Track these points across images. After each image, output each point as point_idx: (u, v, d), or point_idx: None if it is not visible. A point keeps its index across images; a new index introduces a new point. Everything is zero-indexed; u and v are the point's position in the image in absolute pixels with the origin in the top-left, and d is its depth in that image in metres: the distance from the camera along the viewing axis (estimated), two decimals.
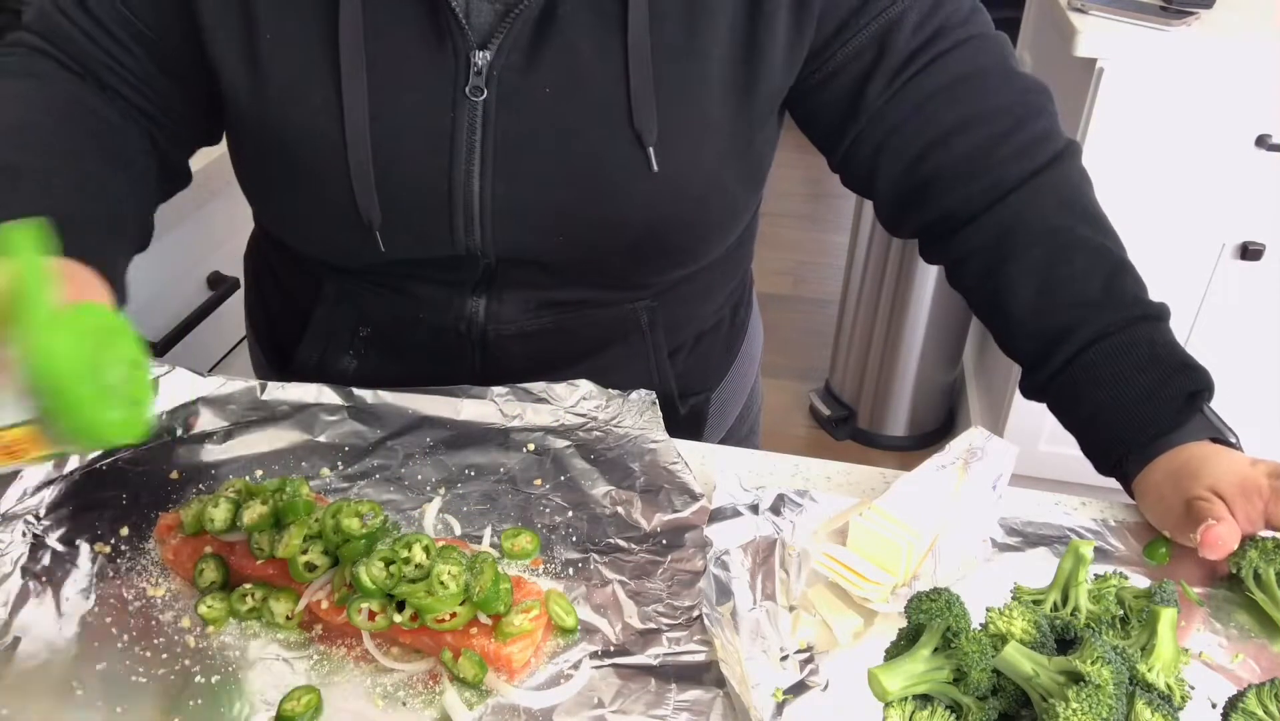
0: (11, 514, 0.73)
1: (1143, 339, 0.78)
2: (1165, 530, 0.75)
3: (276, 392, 0.86)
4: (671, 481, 0.78)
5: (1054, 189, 0.82)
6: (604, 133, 0.77)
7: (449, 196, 0.79)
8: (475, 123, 0.77)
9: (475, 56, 0.75)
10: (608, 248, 0.82)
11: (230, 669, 0.64)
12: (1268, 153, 1.79)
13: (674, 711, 0.61)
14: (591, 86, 0.76)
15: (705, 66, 0.77)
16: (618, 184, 0.79)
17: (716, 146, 0.80)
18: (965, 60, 0.81)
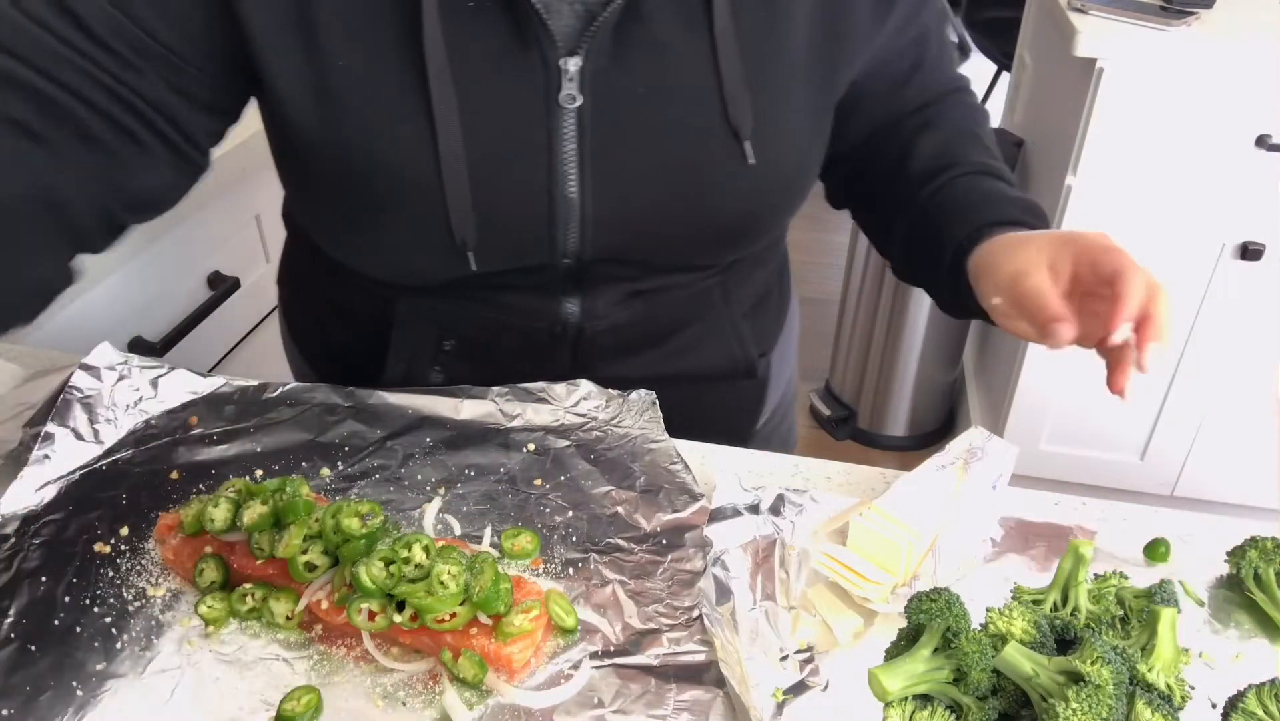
0: (11, 514, 0.73)
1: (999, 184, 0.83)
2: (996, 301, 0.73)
3: (277, 393, 0.86)
4: (671, 481, 0.78)
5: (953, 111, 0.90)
6: (699, 128, 0.77)
7: (549, 208, 0.77)
8: (570, 131, 0.75)
9: (566, 64, 0.74)
10: (699, 240, 0.83)
11: (230, 669, 0.64)
12: (1268, 153, 1.78)
13: (674, 711, 0.61)
14: (683, 83, 0.76)
15: (789, 54, 0.78)
16: (715, 178, 0.79)
17: (804, 130, 0.82)
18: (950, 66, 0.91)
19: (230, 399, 0.85)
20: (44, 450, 0.77)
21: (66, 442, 0.78)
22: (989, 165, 0.85)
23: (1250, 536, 0.71)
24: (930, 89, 0.90)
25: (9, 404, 0.84)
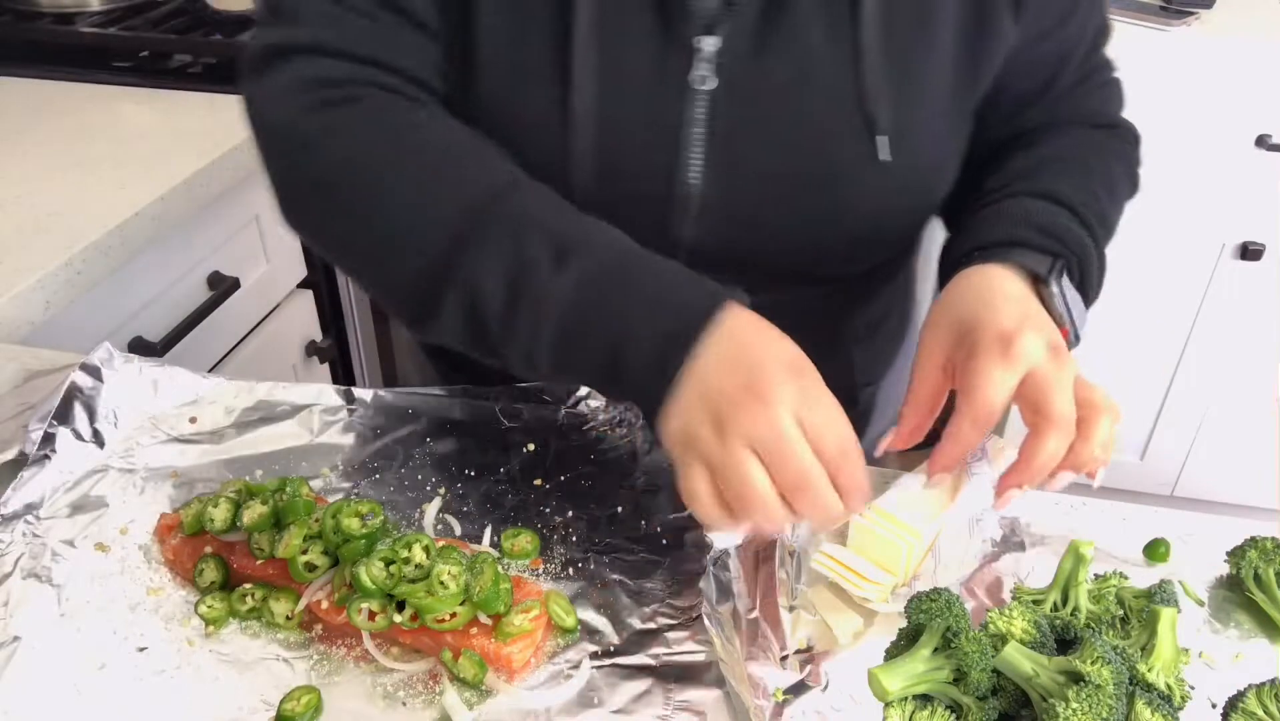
0: (11, 514, 0.73)
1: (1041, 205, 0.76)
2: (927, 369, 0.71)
3: (277, 393, 0.86)
4: (671, 481, 0.78)
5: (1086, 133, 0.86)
6: (833, 121, 0.75)
7: (668, 191, 0.76)
8: (700, 115, 0.74)
9: (702, 44, 0.73)
10: (823, 242, 0.79)
11: (230, 669, 0.64)
12: (1268, 153, 1.79)
13: (674, 711, 0.61)
14: (821, 73, 0.74)
15: (934, 53, 0.75)
16: (845, 176, 0.76)
17: (943, 132, 0.79)
18: (1103, 100, 0.88)
19: (230, 400, 0.85)
20: (44, 450, 0.77)
21: (66, 442, 0.78)
22: (1054, 190, 0.77)
23: (1250, 536, 0.71)
24: (1059, 115, 0.85)
25: (9, 404, 0.84)
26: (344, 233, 0.71)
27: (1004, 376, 0.64)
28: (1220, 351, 1.99)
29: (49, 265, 1.07)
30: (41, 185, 1.22)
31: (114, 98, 1.47)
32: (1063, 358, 0.65)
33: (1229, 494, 2.15)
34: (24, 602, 0.67)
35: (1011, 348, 0.64)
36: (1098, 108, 0.88)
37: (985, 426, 0.64)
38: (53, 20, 1.62)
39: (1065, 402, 0.63)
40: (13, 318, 1.03)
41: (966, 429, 0.65)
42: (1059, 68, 0.83)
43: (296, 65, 0.71)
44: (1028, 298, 0.70)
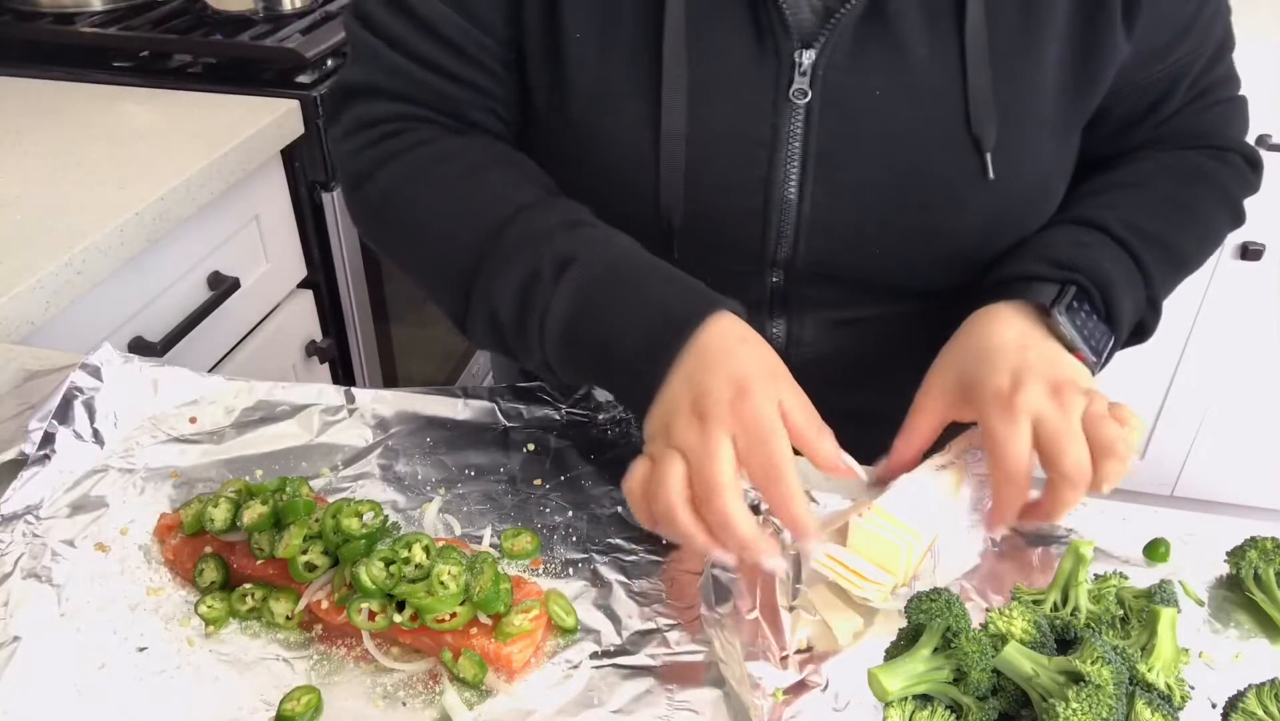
0: (11, 514, 0.73)
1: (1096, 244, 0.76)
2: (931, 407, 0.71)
3: (277, 393, 0.86)
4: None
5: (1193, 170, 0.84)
6: (937, 137, 0.73)
7: (764, 205, 0.75)
8: (797, 128, 0.73)
9: (800, 57, 0.72)
10: (921, 258, 0.78)
11: (230, 669, 0.64)
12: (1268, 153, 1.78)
13: (674, 711, 0.61)
14: (924, 88, 0.72)
15: (1042, 67, 0.74)
16: (947, 192, 0.75)
17: (1049, 146, 0.77)
18: (1214, 122, 0.86)
19: (230, 398, 0.85)
20: (44, 450, 0.77)
21: (66, 442, 0.78)
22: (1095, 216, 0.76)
23: (1250, 536, 0.71)
24: (1164, 139, 0.83)
25: (9, 404, 0.84)
26: (395, 254, 0.81)
27: (1016, 434, 0.64)
28: (1220, 351, 1.99)
29: (49, 265, 1.07)
30: (41, 185, 1.22)
31: (114, 98, 1.47)
32: (1065, 397, 0.64)
33: (1229, 494, 2.15)
34: (24, 602, 0.67)
35: (1013, 405, 0.65)
36: (1207, 129, 0.85)
37: (1021, 484, 0.64)
38: (53, 20, 1.62)
39: (1076, 453, 0.63)
40: (13, 318, 1.03)
41: (1010, 493, 0.65)
42: (1170, 88, 0.81)
43: (359, 106, 0.79)
44: (1024, 343, 0.69)
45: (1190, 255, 0.82)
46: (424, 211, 0.76)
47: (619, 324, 0.66)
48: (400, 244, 0.79)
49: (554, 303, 0.68)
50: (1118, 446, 0.63)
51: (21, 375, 0.88)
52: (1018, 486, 0.64)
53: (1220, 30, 0.81)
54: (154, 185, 1.22)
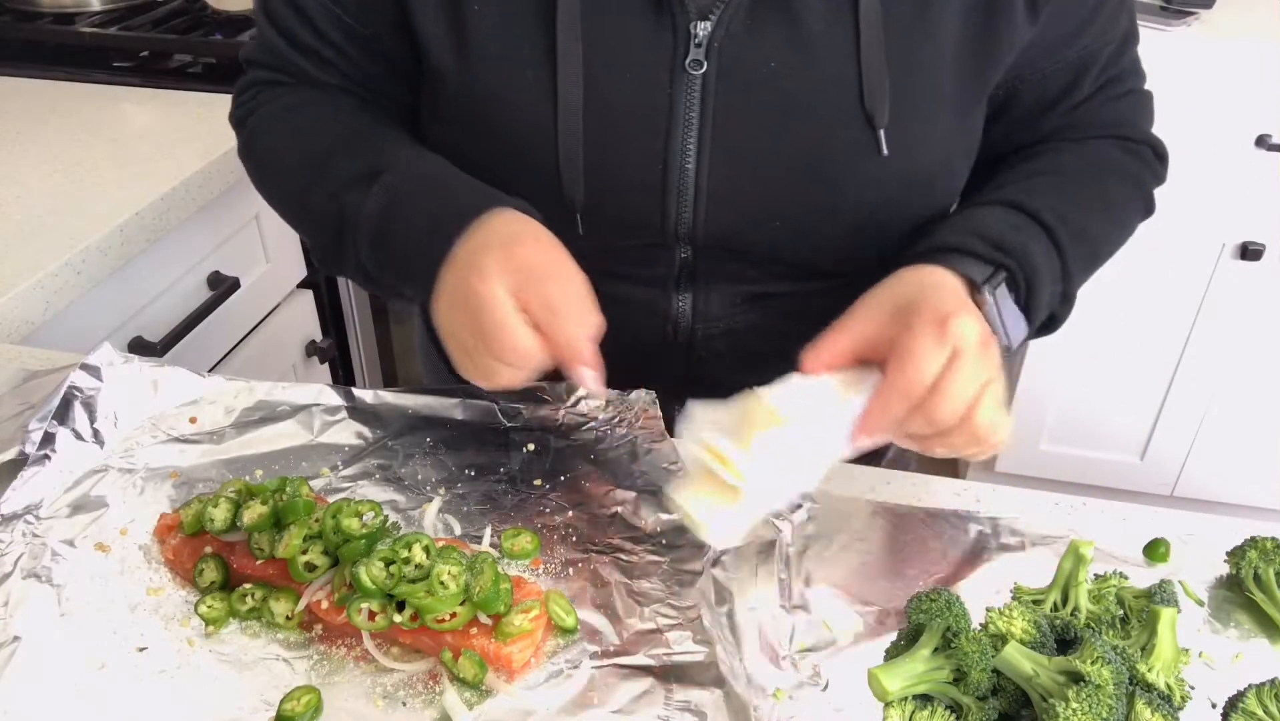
0: (11, 514, 0.73)
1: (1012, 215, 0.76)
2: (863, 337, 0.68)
3: (277, 393, 0.86)
4: (671, 481, 0.78)
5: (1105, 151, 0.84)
6: (831, 112, 0.73)
7: (663, 178, 0.75)
8: (693, 99, 0.73)
9: (695, 28, 0.72)
10: (824, 234, 0.78)
11: (230, 669, 0.64)
12: (1268, 153, 1.78)
13: (674, 711, 0.61)
14: (819, 62, 0.73)
15: (938, 43, 0.74)
16: (843, 167, 0.75)
17: (946, 123, 0.77)
18: (1123, 112, 0.85)
19: (230, 398, 0.85)
20: (44, 450, 0.77)
21: (66, 442, 0.78)
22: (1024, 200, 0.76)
23: (1250, 536, 0.71)
24: (1075, 124, 0.84)
25: (9, 404, 0.84)
26: (265, 196, 0.88)
27: (936, 351, 0.62)
28: (1220, 351, 1.99)
29: (49, 265, 1.07)
30: (41, 185, 1.22)
31: (114, 98, 1.47)
32: (989, 353, 0.64)
33: (1229, 494, 2.15)
34: (24, 602, 0.67)
35: (947, 325, 0.63)
36: (1117, 119, 0.85)
37: (913, 399, 0.62)
38: (53, 20, 1.62)
39: (955, 403, 0.62)
40: (13, 318, 1.03)
41: (895, 401, 0.63)
42: (1079, 74, 0.81)
43: (244, 76, 0.89)
44: (964, 298, 0.69)
45: (1106, 248, 0.83)
46: (272, 150, 0.85)
47: (411, 225, 0.72)
48: (262, 184, 0.87)
49: (364, 212, 0.74)
50: (982, 429, 0.63)
51: (21, 375, 0.88)
52: (908, 397, 0.62)
53: (1125, 21, 0.82)
54: (154, 185, 1.22)
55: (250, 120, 0.87)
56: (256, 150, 0.87)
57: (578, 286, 0.67)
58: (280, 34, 0.84)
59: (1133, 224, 0.86)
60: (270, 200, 0.87)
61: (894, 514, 0.76)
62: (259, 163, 0.87)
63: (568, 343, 0.65)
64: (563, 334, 0.65)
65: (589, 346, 0.65)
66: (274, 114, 0.85)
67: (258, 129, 0.86)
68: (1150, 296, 1.97)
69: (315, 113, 0.84)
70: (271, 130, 0.85)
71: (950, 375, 0.62)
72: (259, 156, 0.87)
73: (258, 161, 0.87)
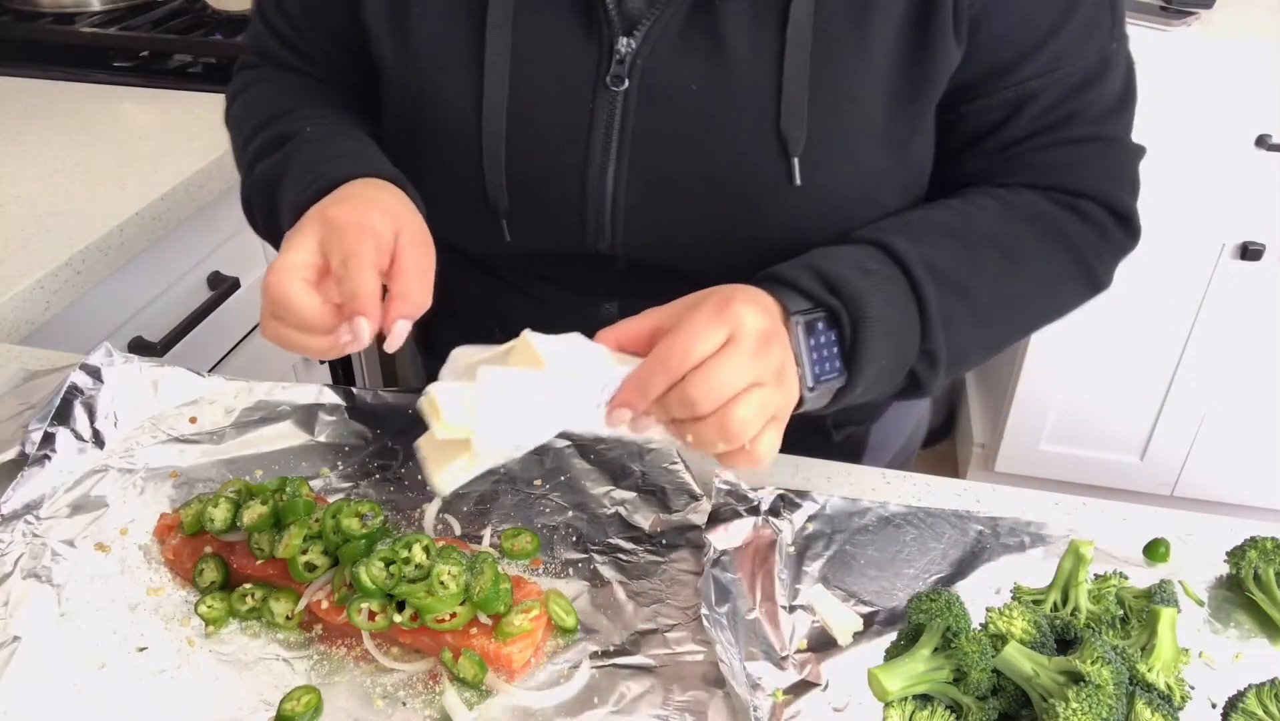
0: (11, 514, 0.73)
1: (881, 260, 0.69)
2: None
3: (277, 393, 0.86)
4: (671, 481, 0.78)
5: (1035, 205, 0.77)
6: (747, 137, 0.72)
7: (582, 189, 0.75)
8: (614, 115, 0.73)
9: (619, 44, 0.72)
10: (742, 260, 0.73)
11: (230, 669, 0.64)
12: (1268, 153, 1.78)
13: (674, 711, 0.61)
14: (739, 85, 0.71)
15: (868, 72, 0.71)
16: (756, 195, 0.73)
17: (872, 156, 0.74)
18: (1070, 159, 0.76)
19: (230, 400, 0.85)
20: (44, 450, 0.77)
21: (66, 442, 0.78)
22: (891, 241, 0.69)
23: (1250, 536, 0.71)
24: (1008, 170, 0.77)
25: (9, 404, 0.84)
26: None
27: (710, 329, 0.59)
28: (1220, 351, 1.99)
29: (49, 265, 1.07)
30: (41, 185, 1.22)
31: (114, 98, 1.47)
32: (769, 354, 0.60)
33: (1229, 494, 2.15)
34: (24, 602, 0.67)
35: (729, 306, 0.60)
36: (1058, 167, 0.77)
37: (672, 373, 0.58)
38: (53, 20, 1.62)
39: (715, 393, 0.58)
40: (13, 318, 1.03)
41: (656, 372, 0.59)
42: (1014, 111, 0.74)
43: (240, 60, 0.94)
44: (774, 319, 0.64)
45: (1004, 312, 0.75)
46: (234, 119, 0.89)
47: (288, 190, 0.74)
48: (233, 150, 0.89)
49: (265, 174, 0.78)
50: (734, 426, 0.59)
51: (21, 375, 0.88)
52: (666, 371, 0.59)
53: (1092, 60, 0.75)
54: (154, 185, 1.22)
55: (230, 95, 0.93)
56: (229, 123, 0.91)
57: (405, 264, 0.64)
58: (265, 24, 0.89)
59: (1062, 291, 0.78)
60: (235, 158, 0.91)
61: (894, 514, 0.76)
62: (230, 126, 0.91)
63: (350, 293, 0.62)
64: (347, 285, 0.62)
65: (373, 300, 0.61)
66: (241, 89, 0.90)
67: (229, 103, 0.92)
68: (1150, 296, 1.97)
69: (272, 89, 0.88)
70: (237, 105, 0.90)
71: (718, 358, 0.58)
72: (229, 127, 0.91)
73: (230, 125, 0.91)
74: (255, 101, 0.88)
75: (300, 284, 0.63)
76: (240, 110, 0.89)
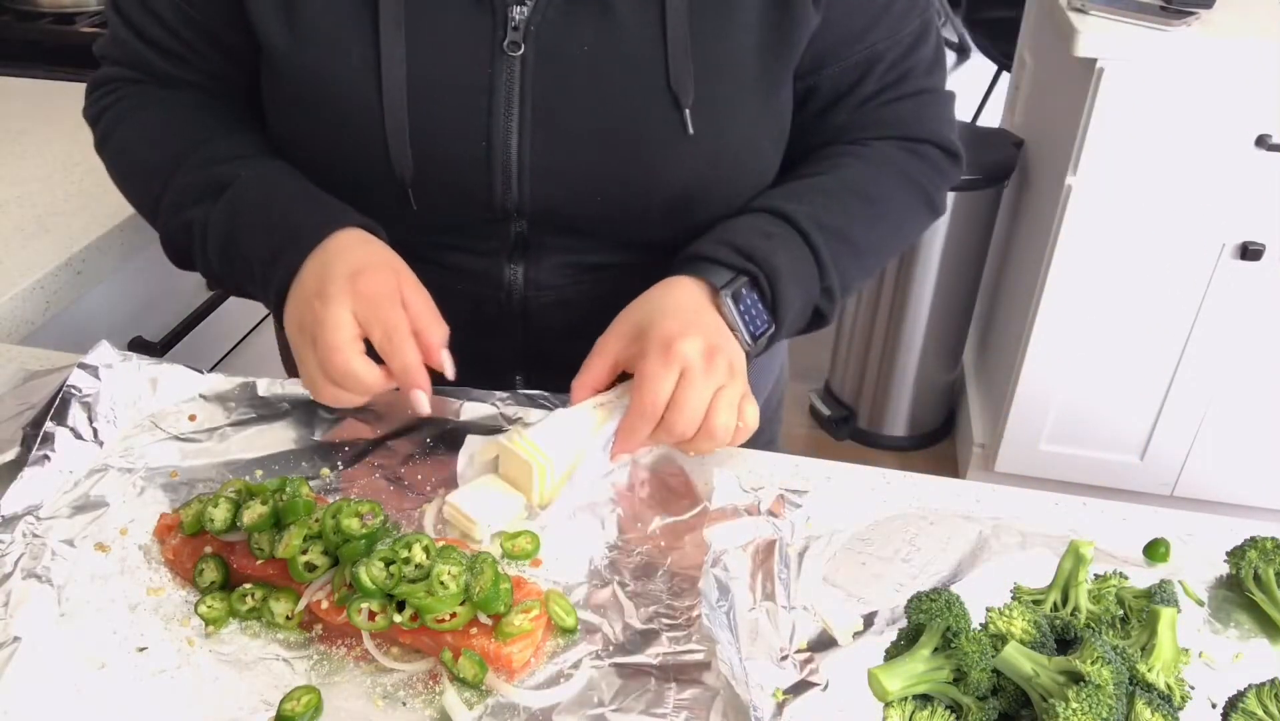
0: (11, 514, 0.73)
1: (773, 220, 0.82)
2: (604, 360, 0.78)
3: (276, 391, 0.86)
4: (671, 482, 0.78)
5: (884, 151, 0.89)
6: (640, 93, 0.78)
7: (487, 154, 0.79)
8: (514, 79, 0.77)
9: (512, 12, 0.76)
10: (643, 209, 0.82)
11: (230, 669, 0.64)
12: (1268, 153, 1.79)
13: (674, 711, 0.61)
14: (628, 45, 0.77)
15: (741, 26, 0.78)
16: (653, 146, 0.79)
17: (751, 106, 0.81)
18: (908, 111, 0.89)
19: (230, 397, 0.85)
20: (44, 450, 0.77)
21: (66, 442, 0.78)
22: (784, 207, 0.82)
23: (1250, 536, 0.71)
24: (864, 124, 0.88)
25: (9, 404, 0.84)
26: (123, 193, 0.92)
27: (665, 375, 0.72)
28: (1220, 351, 2.00)
29: (49, 265, 1.07)
30: (41, 185, 1.22)
31: None
32: (714, 362, 0.73)
33: (1229, 494, 2.15)
34: (24, 602, 0.67)
35: (671, 350, 0.72)
36: (901, 118, 0.89)
37: (653, 420, 0.73)
38: (53, 20, 1.62)
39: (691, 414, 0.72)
40: (13, 317, 1.03)
41: (639, 424, 0.73)
42: (866, 71, 0.85)
43: (98, 71, 0.93)
44: (701, 308, 0.77)
45: (875, 246, 0.88)
46: (125, 151, 0.89)
47: (257, 240, 0.79)
48: (119, 181, 0.91)
49: (211, 223, 0.80)
50: (718, 432, 0.73)
51: (21, 375, 0.88)
52: (647, 419, 0.73)
53: (916, 23, 0.85)
54: None
55: (103, 118, 0.90)
56: (109, 150, 0.91)
57: (419, 308, 0.74)
58: (129, 27, 0.88)
59: (911, 220, 0.92)
60: (127, 198, 0.92)
61: (894, 514, 0.76)
62: (112, 161, 0.91)
63: (402, 368, 0.72)
64: (398, 360, 0.72)
65: (422, 372, 0.73)
66: (123, 114, 0.89)
67: (110, 130, 0.90)
68: (1150, 296, 1.97)
69: (162, 116, 0.88)
70: (121, 133, 0.89)
71: (681, 393, 0.72)
72: (111, 155, 0.91)
73: (110, 160, 0.91)
74: (150, 129, 0.87)
75: (359, 358, 0.72)
76: (129, 140, 0.88)
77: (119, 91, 0.90)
